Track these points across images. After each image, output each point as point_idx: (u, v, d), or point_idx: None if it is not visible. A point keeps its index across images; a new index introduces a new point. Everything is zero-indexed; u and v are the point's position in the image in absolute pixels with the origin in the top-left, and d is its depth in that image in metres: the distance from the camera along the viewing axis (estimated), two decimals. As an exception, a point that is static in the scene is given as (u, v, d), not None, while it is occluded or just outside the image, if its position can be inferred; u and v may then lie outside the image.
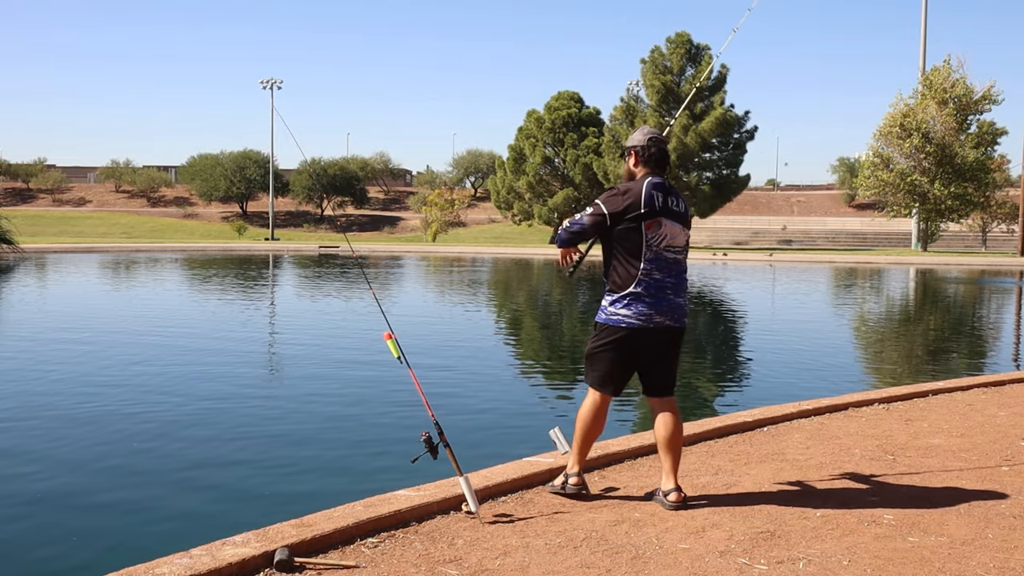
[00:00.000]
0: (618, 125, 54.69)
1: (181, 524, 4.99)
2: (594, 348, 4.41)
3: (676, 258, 4.35)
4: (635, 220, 4.24)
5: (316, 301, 19.99)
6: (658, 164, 4.39)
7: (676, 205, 4.36)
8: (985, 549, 3.77)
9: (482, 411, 7.96)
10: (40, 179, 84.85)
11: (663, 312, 4.29)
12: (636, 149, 4.41)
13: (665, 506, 4.28)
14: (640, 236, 4.25)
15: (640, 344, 4.32)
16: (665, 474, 4.34)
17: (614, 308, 4.32)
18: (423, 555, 3.65)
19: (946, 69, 46.92)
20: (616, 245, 4.33)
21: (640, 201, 4.25)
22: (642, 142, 4.40)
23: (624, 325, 4.29)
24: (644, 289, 4.26)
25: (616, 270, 4.34)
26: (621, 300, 4.30)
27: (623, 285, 4.30)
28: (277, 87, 62.10)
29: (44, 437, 6.96)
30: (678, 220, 4.34)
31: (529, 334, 14.83)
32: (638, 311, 4.27)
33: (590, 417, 4.40)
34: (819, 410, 6.58)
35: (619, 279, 4.32)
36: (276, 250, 47.89)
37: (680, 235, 4.36)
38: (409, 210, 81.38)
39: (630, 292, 4.28)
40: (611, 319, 4.33)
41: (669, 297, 4.31)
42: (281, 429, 7.25)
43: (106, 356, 11.00)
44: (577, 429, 4.43)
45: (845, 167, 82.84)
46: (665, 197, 4.31)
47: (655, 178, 4.35)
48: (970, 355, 12.58)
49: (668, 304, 4.31)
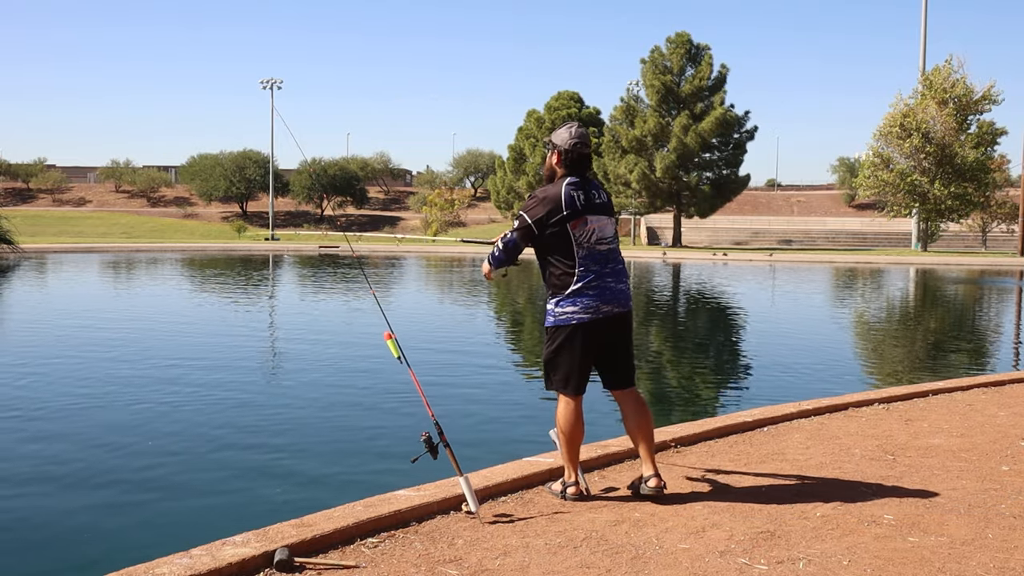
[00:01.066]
0: (618, 125, 54.66)
1: (181, 524, 4.99)
2: (550, 353, 4.43)
3: (609, 248, 4.41)
4: (559, 223, 4.31)
5: (316, 301, 19.99)
6: (577, 165, 4.42)
7: (597, 198, 4.41)
8: (985, 549, 3.77)
9: (482, 411, 7.96)
10: (40, 179, 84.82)
11: (608, 301, 4.36)
12: (560, 150, 4.43)
13: (645, 491, 4.35)
14: (568, 237, 4.32)
15: (593, 337, 4.36)
16: (644, 462, 4.44)
17: (560, 308, 4.36)
18: (423, 555, 3.65)
19: (946, 69, 46.93)
20: (548, 250, 4.38)
21: (560, 204, 4.30)
22: (567, 144, 4.40)
23: (575, 322, 4.33)
24: (584, 284, 4.32)
25: (553, 273, 4.39)
26: (566, 299, 4.34)
27: (563, 285, 4.36)
28: (277, 87, 62.12)
29: (43, 437, 6.96)
30: (603, 212, 4.41)
31: (529, 334, 14.82)
32: (584, 305, 4.32)
33: (570, 422, 4.40)
34: (819, 410, 6.58)
35: (558, 281, 4.38)
36: (276, 250, 47.91)
37: (608, 226, 4.42)
38: (409, 210, 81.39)
39: (572, 290, 4.33)
40: (560, 319, 4.37)
41: (611, 285, 4.37)
42: (281, 429, 7.25)
43: (105, 356, 11.00)
44: (561, 438, 4.45)
45: (845, 167, 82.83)
46: (586, 193, 4.36)
47: (572, 177, 4.39)
48: (970, 355, 12.58)
49: (611, 292, 4.37)
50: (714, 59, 53.40)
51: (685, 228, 59.96)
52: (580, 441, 4.46)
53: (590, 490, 4.51)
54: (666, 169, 51.31)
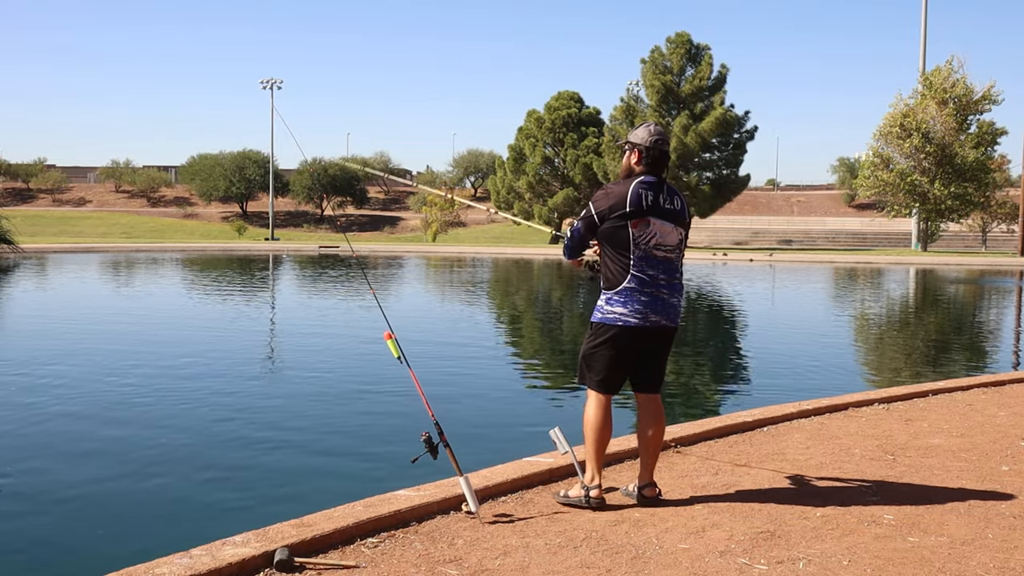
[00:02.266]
0: (618, 125, 54.66)
1: (181, 524, 5.00)
2: (591, 348, 4.39)
3: (667, 256, 4.32)
4: (620, 219, 4.25)
5: (316, 301, 19.98)
6: (658, 164, 4.38)
7: (670, 203, 4.34)
8: (985, 549, 3.77)
9: (482, 411, 7.96)
10: (40, 179, 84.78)
11: (658, 312, 4.30)
12: (640, 148, 4.38)
13: (639, 500, 4.34)
14: (627, 234, 4.26)
15: (635, 342, 4.32)
16: (644, 468, 4.41)
17: (610, 306, 4.32)
18: (423, 555, 3.65)
19: (946, 69, 46.92)
20: (605, 243, 4.35)
21: (625, 200, 4.25)
22: (647, 141, 4.37)
23: (621, 323, 4.28)
24: (637, 284, 4.27)
25: (608, 267, 4.36)
26: (616, 297, 4.30)
27: (615, 282, 4.31)
28: (277, 87, 62.09)
29: (43, 437, 6.96)
30: (670, 219, 4.31)
31: (529, 334, 14.83)
32: (634, 309, 4.27)
33: (600, 421, 4.34)
34: (819, 410, 6.58)
35: (611, 275, 4.34)
36: (276, 250, 47.91)
37: (671, 234, 4.32)
38: (409, 210, 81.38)
39: (623, 288, 4.28)
40: (607, 317, 4.32)
41: (664, 297, 4.31)
42: (281, 429, 7.25)
43: (105, 356, 11.00)
44: (588, 438, 4.35)
45: (845, 167, 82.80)
46: (656, 195, 4.30)
47: (648, 176, 4.34)
48: (970, 355, 12.58)
49: (663, 304, 4.31)
50: (714, 59, 53.48)
51: (685, 228, 59.92)
52: (607, 442, 4.40)
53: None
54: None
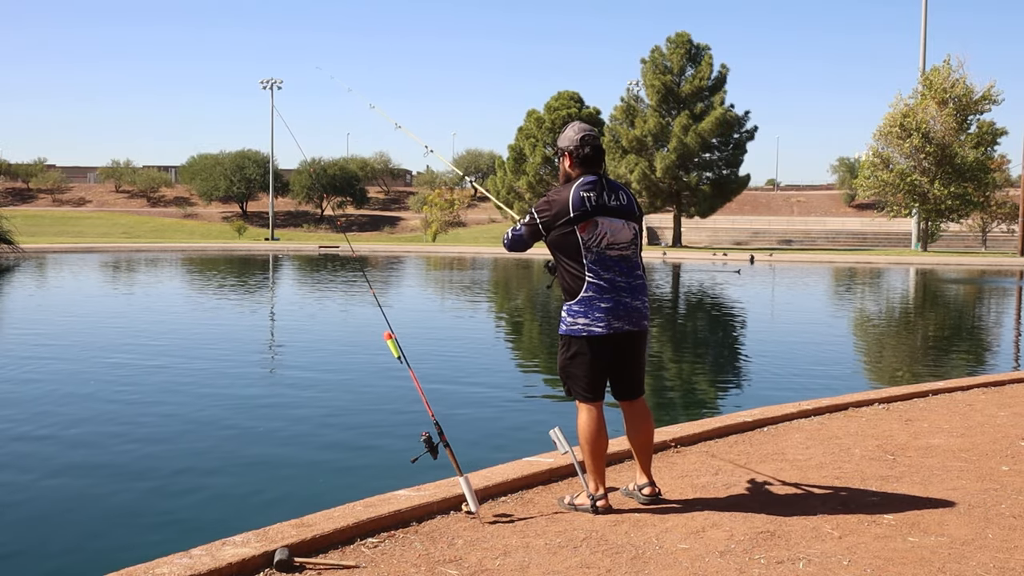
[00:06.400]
0: (618, 125, 54.70)
1: (181, 524, 4.99)
2: (565, 361, 4.30)
3: (622, 254, 4.19)
4: (567, 225, 4.14)
5: (316, 301, 19.99)
6: (591, 162, 4.25)
7: (615, 199, 4.21)
8: (985, 549, 3.77)
9: (482, 411, 7.96)
10: (40, 179, 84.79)
11: (620, 317, 4.18)
12: (568, 150, 4.26)
13: (639, 500, 4.34)
14: (576, 239, 4.14)
15: (604, 351, 4.23)
16: (640, 471, 4.41)
17: (572, 317, 4.21)
18: (423, 555, 3.65)
19: (946, 69, 46.96)
20: (557, 252, 4.25)
21: (568, 207, 4.13)
22: (575, 142, 4.24)
23: (585, 334, 4.18)
24: (595, 292, 4.16)
25: (564, 277, 4.24)
26: (576, 307, 4.19)
27: (573, 291, 4.20)
28: (277, 87, 62.20)
29: (43, 437, 6.96)
30: (619, 215, 4.19)
31: (529, 334, 14.83)
32: (595, 317, 4.16)
33: (593, 431, 4.26)
34: (819, 410, 6.58)
35: (568, 285, 4.23)
36: (276, 250, 47.90)
37: (623, 230, 4.19)
38: (409, 210, 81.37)
39: (581, 297, 4.17)
40: (572, 329, 4.22)
41: (625, 300, 4.19)
42: (281, 429, 7.25)
43: (105, 356, 11.00)
44: (585, 449, 4.28)
45: (845, 167, 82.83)
46: (600, 194, 4.16)
47: (588, 176, 4.21)
48: (970, 355, 12.58)
49: (624, 308, 4.19)
50: (714, 59, 53.52)
51: (685, 228, 59.99)
52: (605, 450, 4.31)
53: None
54: (666, 169, 51.34)
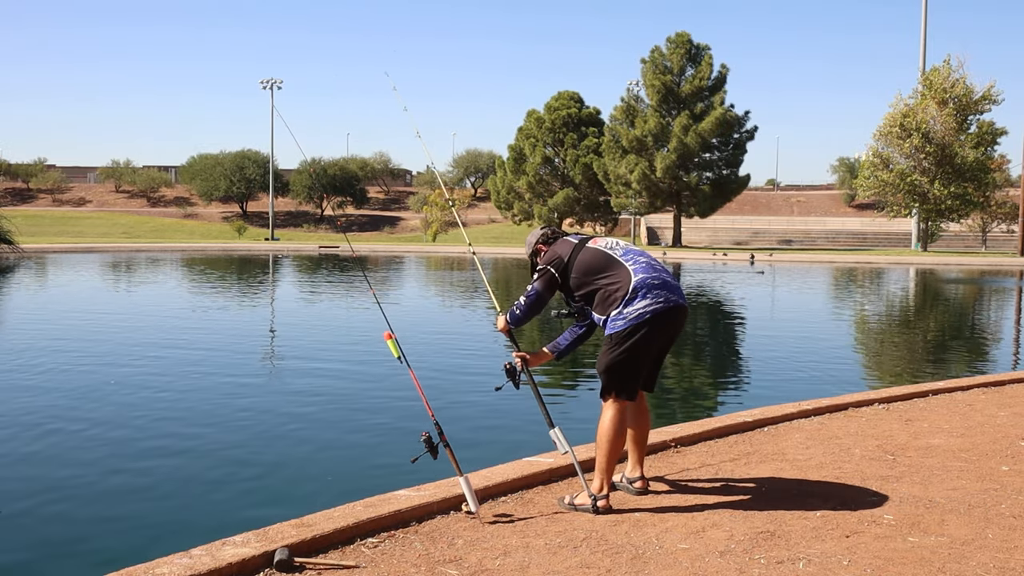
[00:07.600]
0: (618, 125, 54.67)
1: (181, 524, 4.99)
2: (615, 357, 4.21)
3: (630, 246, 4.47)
4: (578, 248, 4.37)
5: (316, 301, 19.99)
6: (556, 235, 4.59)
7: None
8: (985, 549, 3.77)
9: (482, 411, 7.96)
10: (40, 179, 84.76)
11: (673, 291, 4.28)
12: (540, 240, 4.59)
13: (631, 492, 4.46)
14: (597, 249, 4.36)
15: (663, 330, 4.22)
16: (633, 464, 4.53)
17: (631, 307, 4.16)
18: (423, 555, 3.65)
19: (946, 69, 46.94)
20: (586, 277, 4.31)
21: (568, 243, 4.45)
22: (540, 236, 4.61)
23: (649, 314, 4.14)
24: (644, 272, 4.24)
25: (608, 290, 4.23)
26: (631, 297, 4.17)
27: (621, 293, 4.20)
28: (277, 87, 62.15)
29: (43, 437, 6.96)
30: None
31: (529, 334, 14.82)
32: (655, 295, 4.18)
33: (616, 431, 4.24)
34: (819, 410, 6.58)
35: (611, 297, 4.22)
36: (276, 250, 47.91)
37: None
38: (409, 210, 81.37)
39: (634, 285, 4.19)
40: (631, 319, 4.16)
41: (666, 279, 4.30)
42: (281, 429, 7.25)
43: (105, 356, 11.00)
44: (604, 448, 4.23)
45: (845, 167, 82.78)
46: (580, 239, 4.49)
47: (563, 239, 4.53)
48: (970, 355, 12.58)
49: (669, 287, 4.28)
50: (714, 59, 53.45)
51: (685, 228, 59.98)
52: (622, 451, 4.37)
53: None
54: (666, 169, 51.32)
